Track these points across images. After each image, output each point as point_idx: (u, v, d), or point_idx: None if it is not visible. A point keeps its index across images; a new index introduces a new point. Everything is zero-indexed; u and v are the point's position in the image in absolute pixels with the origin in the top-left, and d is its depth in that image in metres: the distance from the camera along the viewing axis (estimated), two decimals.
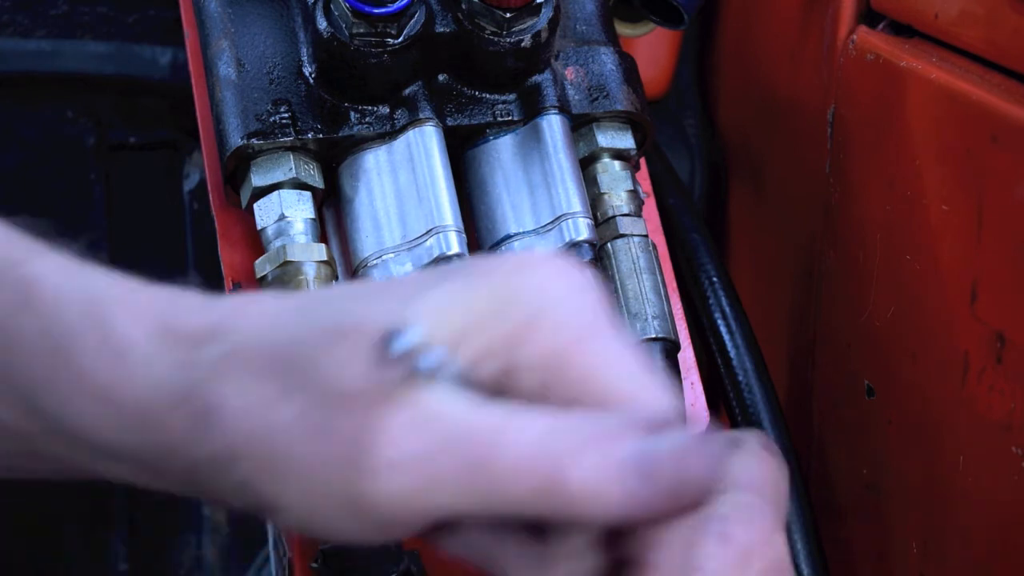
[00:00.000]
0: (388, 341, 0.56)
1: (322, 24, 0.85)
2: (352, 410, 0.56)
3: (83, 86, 1.30)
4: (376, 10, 0.84)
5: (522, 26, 0.87)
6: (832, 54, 0.97)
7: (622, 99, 0.91)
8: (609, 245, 0.90)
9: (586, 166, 0.91)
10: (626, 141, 0.92)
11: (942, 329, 0.89)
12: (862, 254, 0.96)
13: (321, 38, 0.86)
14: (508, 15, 0.86)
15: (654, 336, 0.88)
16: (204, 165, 0.92)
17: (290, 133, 0.86)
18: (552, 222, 0.88)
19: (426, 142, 0.87)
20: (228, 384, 0.59)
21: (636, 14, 1.04)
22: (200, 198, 1.35)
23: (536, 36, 0.88)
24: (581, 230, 0.87)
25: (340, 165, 0.88)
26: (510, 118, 0.90)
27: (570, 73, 0.92)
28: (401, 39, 0.86)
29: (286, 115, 0.86)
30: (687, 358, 0.94)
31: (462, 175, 0.90)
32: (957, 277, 0.87)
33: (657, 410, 0.57)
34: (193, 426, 0.60)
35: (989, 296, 0.85)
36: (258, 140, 0.85)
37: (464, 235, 0.86)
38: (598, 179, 0.91)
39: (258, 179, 0.85)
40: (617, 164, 0.92)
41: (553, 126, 0.89)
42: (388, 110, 0.88)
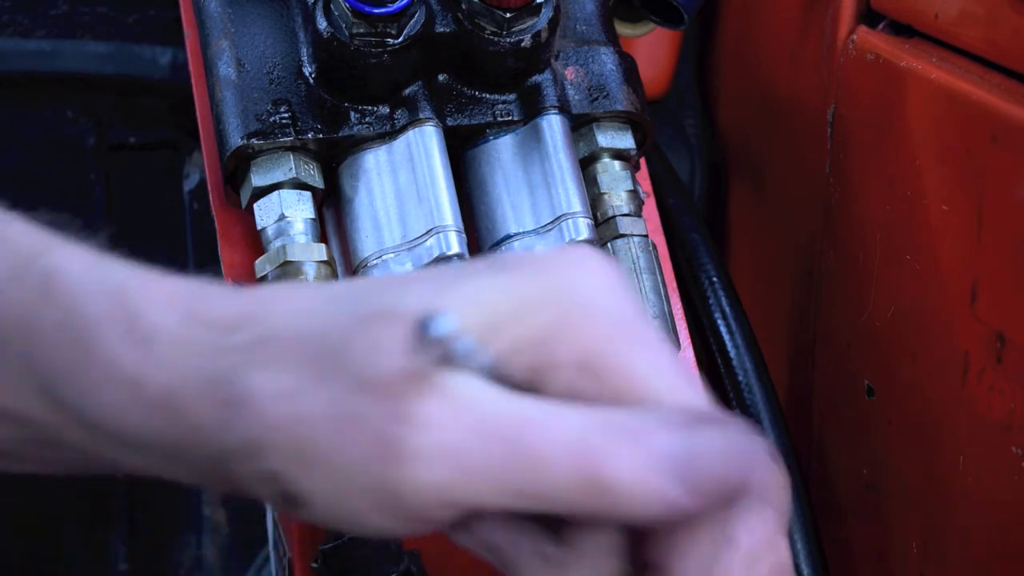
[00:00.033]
0: (423, 327, 0.54)
1: (322, 24, 0.85)
2: (385, 397, 0.55)
3: (83, 86, 1.30)
4: (376, 10, 0.84)
5: (522, 26, 0.87)
6: (832, 54, 0.97)
7: (622, 99, 0.91)
8: (609, 245, 0.90)
9: (586, 166, 0.91)
10: (626, 141, 0.92)
11: (942, 329, 0.89)
12: (862, 254, 0.96)
13: (321, 38, 0.86)
14: (508, 15, 0.86)
15: None
16: (204, 165, 0.92)
17: (290, 133, 0.86)
18: (552, 222, 0.88)
19: (426, 142, 0.87)
20: (259, 372, 0.58)
21: (636, 14, 1.04)
22: (200, 198, 1.35)
23: (536, 36, 0.88)
24: (581, 230, 0.87)
25: (340, 165, 0.88)
26: (510, 118, 0.90)
27: (570, 73, 0.92)
28: (401, 39, 0.86)
29: (286, 115, 0.86)
30: (687, 358, 0.94)
31: (462, 175, 0.90)
32: (957, 277, 0.87)
33: (693, 409, 0.56)
34: (221, 414, 0.58)
35: (989, 296, 0.85)
36: (258, 140, 0.85)
37: (464, 235, 0.86)
38: (598, 179, 0.91)
39: (258, 179, 0.85)
40: (617, 164, 0.92)
41: (553, 126, 0.89)
42: (388, 110, 0.88)
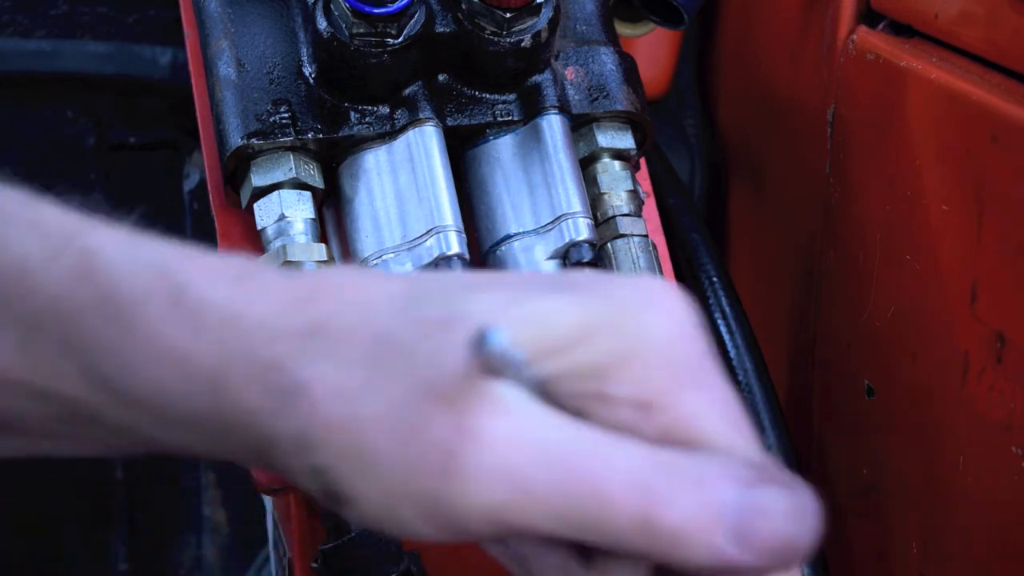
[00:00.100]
0: (484, 339, 0.53)
1: (322, 24, 0.85)
2: (448, 408, 0.54)
3: (83, 86, 1.30)
4: (376, 10, 0.84)
5: (522, 26, 0.87)
6: (832, 54, 0.97)
7: (622, 99, 0.91)
8: (609, 245, 0.90)
9: (586, 166, 0.91)
10: (626, 141, 0.92)
11: (942, 329, 0.89)
12: (862, 254, 0.96)
13: (321, 38, 0.86)
14: (508, 15, 0.86)
15: None
16: (204, 165, 0.92)
17: (290, 133, 0.86)
18: (552, 222, 0.88)
19: (426, 142, 0.87)
20: (317, 364, 0.56)
21: (636, 14, 1.04)
22: (200, 198, 1.35)
23: (536, 36, 0.88)
24: (581, 230, 0.87)
25: (340, 165, 0.88)
26: (510, 118, 0.90)
27: (570, 73, 0.92)
28: (401, 39, 0.86)
29: (286, 115, 0.86)
30: None
31: (462, 175, 0.90)
32: (957, 277, 0.87)
33: (757, 461, 0.55)
34: (273, 402, 0.56)
35: (989, 296, 0.85)
36: (258, 140, 0.85)
37: (464, 235, 0.86)
38: (598, 179, 0.91)
39: (258, 179, 0.85)
40: (617, 164, 0.92)
41: (553, 126, 0.89)
42: (388, 110, 0.88)
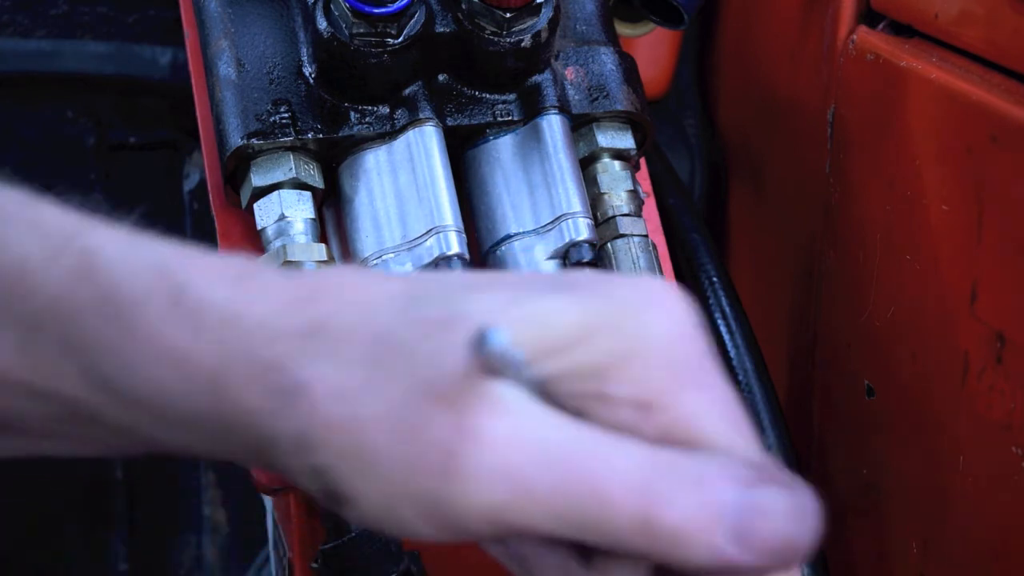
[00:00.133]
0: (484, 338, 0.53)
1: (322, 24, 0.85)
2: (448, 408, 0.54)
3: (83, 86, 1.30)
4: (376, 10, 0.84)
5: (522, 26, 0.87)
6: (832, 54, 0.97)
7: (622, 99, 0.91)
8: (609, 245, 0.90)
9: (586, 166, 0.91)
10: (626, 141, 0.92)
11: (942, 329, 0.89)
12: (862, 254, 0.96)
13: (321, 38, 0.86)
14: (508, 15, 0.86)
15: None
16: (204, 165, 0.92)
17: (290, 133, 0.86)
18: (552, 222, 0.88)
19: (426, 142, 0.87)
20: (317, 364, 0.56)
21: (636, 14, 1.04)
22: (200, 198, 1.35)
23: (536, 36, 0.88)
24: (581, 230, 0.87)
25: (340, 165, 0.88)
26: (510, 118, 0.90)
27: (570, 73, 0.91)
28: (401, 39, 0.86)
29: (286, 115, 0.86)
30: None
31: (462, 175, 0.90)
32: (957, 277, 0.87)
33: (757, 461, 0.55)
34: (273, 402, 0.56)
35: (989, 296, 0.85)
36: (258, 140, 0.85)
37: (464, 235, 0.86)
38: (598, 179, 0.91)
39: (258, 179, 0.85)
40: (617, 164, 0.92)
41: (553, 126, 0.89)
42: (388, 110, 0.88)
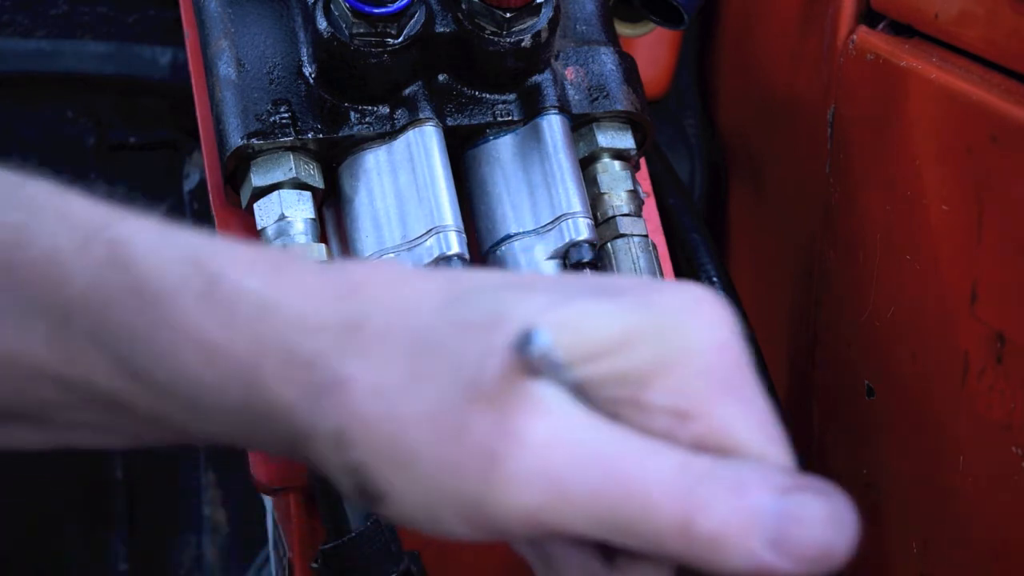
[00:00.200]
0: (527, 340, 0.52)
1: (322, 24, 0.85)
2: (489, 409, 0.54)
3: (83, 86, 1.30)
4: (376, 10, 0.84)
5: (522, 26, 0.87)
6: (832, 54, 0.97)
7: (622, 99, 0.91)
8: (609, 245, 0.90)
9: (586, 166, 0.91)
10: (626, 141, 0.92)
11: (942, 329, 0.89)
12: (862, 254, 0.96)
13: (321, 38, 0.86)
14: (508, 15, 0.86)
15: None
16: (204, 165, 0.92)
17: (290, 133, 0.86)
18: (552, 222, 0.88)
19: (426, 142, 0.87)
20: (356, 360, 0.56)
21: (636, 14, 1.04)
22: (200, 198, 1.35)
23: (536, 36, 0.88)
24: (581, 230, 0.87)
25: (340, 165, 0.88)
26: (510, 118, 0.90)
27: (570, 73, 0.91)
28: (401, 39, 0.86)
29: (286, 115, 0.86)
30: None
31: (462, 175, 0.90)
32: (957, 277, 0.87)
33: (791, 470, 0.55)
34: (308, 396, 0.56)
35: (989, 296, 0.85)
36: (258, 140, 0.85)
37: (464, 235, 0.86)
38: (598, 179, 0.91)
39: (258, 179, 0.85)
40: (617, 164, 0.92)
41: (553, 126, 0.89)
42: (388, 110, 0.88)
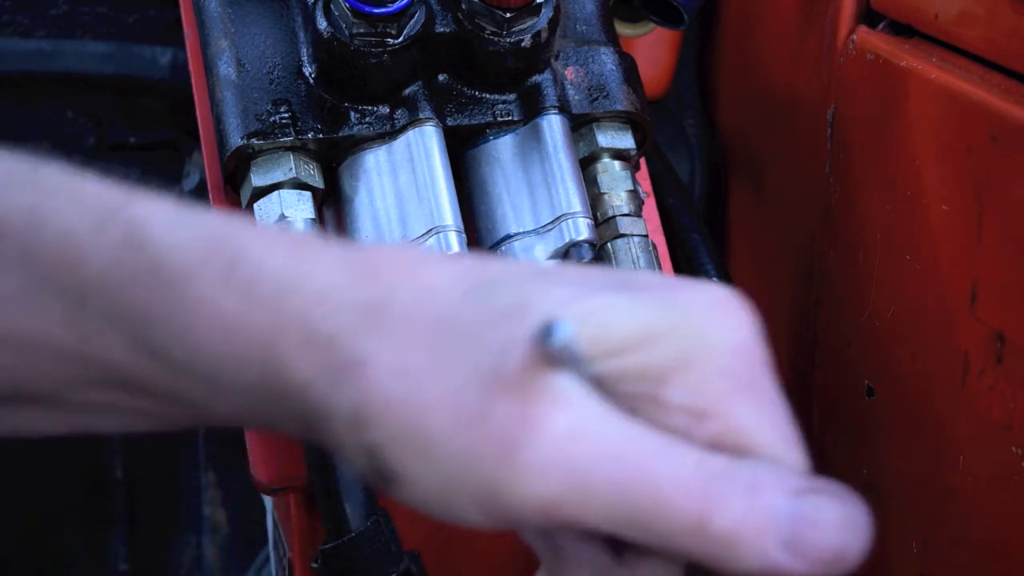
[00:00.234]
0: (550, 330, 0.52)
1: (322, 24, 0.85)
2: (510, 398, 0.53)
3: (83, 86, 1.30)
4: (376, 10, 0.84)
5: (522, 26, 0.87)
6: (832, 54, 0.97)
7: (622, 99, 0.91)
8: (609, 245, 0.90)
9: (586, 166, 0.91)
10: (626, 141, 0.92)
11: (942, 329, 0.89)
12: (862, 254, 0.96)
13: (321, 38, 0.86)
14: (508, 15, 0.86)
15: None
16: (204, 165, 0.92)
17: (290, 133, 0.86)
18: (552, 222, 0.88)
19: (426, 142, 0.87)
20: (378, 341, 0.55)
21: (636, 14, 1.04)
22: (200, 198, 1.35)
23: (536, 36, 0.88)
24: (581, 230, 0.87)
25: (340, 165, 0.88)
26: (510, 118, 0.90)
27: (570, 73, 0.91)
28: (401, 39, 0.86)
29: (286, 115, 0.86)
30: None
31: (462, 175, 0.90)
32: (957, 277, 0.87)
33: (805, 472, 0.55)
34: (328, 374, 0.56)
35: (989, 296, 0.85)
36: (258, 140, 0.85)
37: (464, 235, 0.86)
38: (598, 179, 0.91)
39: (258, 179, 0.85)
40: (617, 164, 0.92)
41: (553, 126, 0.89)
42: (388, 110, 0.88)
